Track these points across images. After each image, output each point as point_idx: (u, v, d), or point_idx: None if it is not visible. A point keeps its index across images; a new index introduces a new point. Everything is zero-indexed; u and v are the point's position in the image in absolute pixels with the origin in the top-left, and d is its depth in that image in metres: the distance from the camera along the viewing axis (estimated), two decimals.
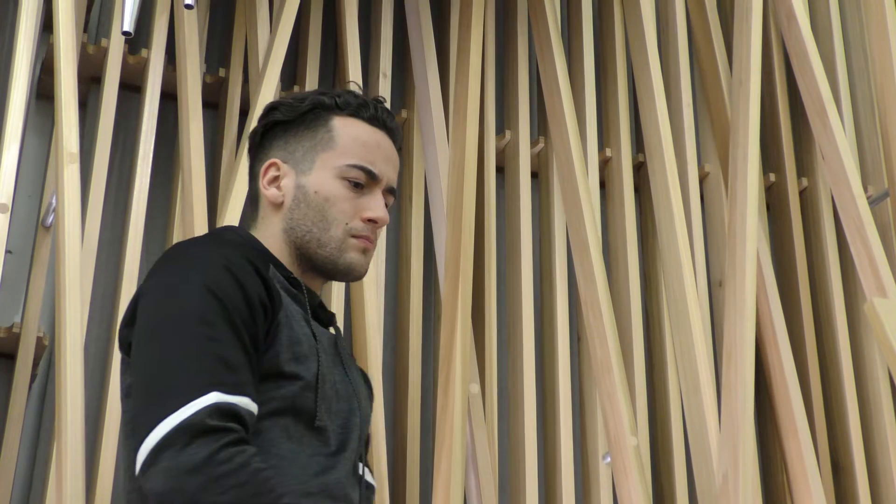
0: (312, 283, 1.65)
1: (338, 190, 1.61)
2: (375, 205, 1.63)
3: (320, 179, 1.62)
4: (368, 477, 1.68)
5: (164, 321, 1.45)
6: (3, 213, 2.24)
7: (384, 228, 2.21)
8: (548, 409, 2.71)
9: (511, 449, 2.59)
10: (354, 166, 1.62)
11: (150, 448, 1.36)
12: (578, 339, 2.86)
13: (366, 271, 1.65)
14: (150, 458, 1.35)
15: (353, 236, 1.62)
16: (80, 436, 2.10)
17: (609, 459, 2.53)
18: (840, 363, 2.94)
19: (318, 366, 1.51)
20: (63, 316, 2.19)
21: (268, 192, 1.65)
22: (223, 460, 1.33)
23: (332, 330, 1.68)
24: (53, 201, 2.39)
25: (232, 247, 1.55)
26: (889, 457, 2.84)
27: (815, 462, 2.66)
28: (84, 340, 2.24)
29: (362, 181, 1.63)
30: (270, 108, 1.71)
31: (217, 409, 1.37)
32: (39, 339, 2.36)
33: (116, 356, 2.32)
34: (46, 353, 2.42)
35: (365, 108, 1.67)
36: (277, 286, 1.54)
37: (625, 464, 2.46)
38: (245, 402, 1.41)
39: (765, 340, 2.81)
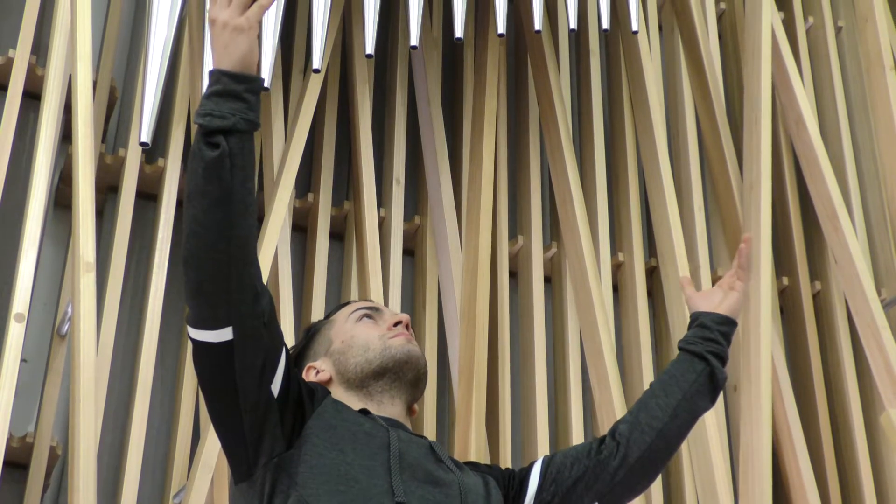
0: (393, 407, 1.75)
1: (358, 326, 1.79)
2: (390, 316, 1.81)
3: (341, 334, 1.79)
4: None
5: None
6: (18, 322, 2.25)
7: None
8: None
9: None
10: (357, 309, 1.83)
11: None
12: None
13: (422, 358, 1.77)
14: None
15: (390, 339, 1.76)
16: None
17: None
18: (858, 468, 2.91)
19: (389, 447, 1.63)
20: (77, 424, 2.18)
21: (316, 378, 1.78)
22: None
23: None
24: (69, 310, 2.40)
25: None
26: None
27: None
28: (98, 449, 2.23)
29: (371, 314, 1.81)
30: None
31: None
32: (52, 449, 2.35)
33: (129, 465, 2.31)
34: (59, 463, 2.40)
35: (349, 302, 1.91)
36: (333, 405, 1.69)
37: None
38: None
39: (781, 446, 2.78)
